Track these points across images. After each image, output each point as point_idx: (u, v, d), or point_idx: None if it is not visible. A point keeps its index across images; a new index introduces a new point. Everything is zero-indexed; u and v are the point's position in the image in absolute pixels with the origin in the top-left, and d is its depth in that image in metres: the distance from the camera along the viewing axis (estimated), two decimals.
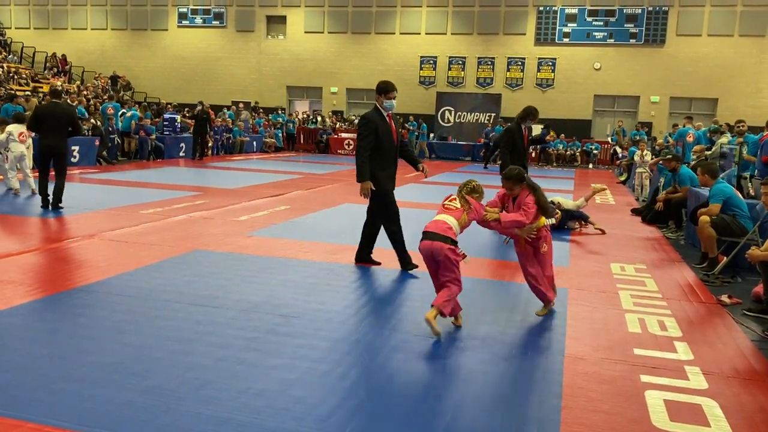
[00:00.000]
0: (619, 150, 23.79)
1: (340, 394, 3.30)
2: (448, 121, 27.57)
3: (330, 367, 3.66)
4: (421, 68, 28.51)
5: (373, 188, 5.93)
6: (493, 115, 26.83)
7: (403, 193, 12.79)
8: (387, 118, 5.98)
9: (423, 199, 12.18)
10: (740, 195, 7.14)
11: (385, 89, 5.98)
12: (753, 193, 8.12)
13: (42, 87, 23.73)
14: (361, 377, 3.54)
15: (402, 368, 3.72)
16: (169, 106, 23.87)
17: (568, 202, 9.21)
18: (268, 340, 4.04)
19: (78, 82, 27.52)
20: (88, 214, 8.58)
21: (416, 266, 5.88)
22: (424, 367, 3.77)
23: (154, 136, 18.66)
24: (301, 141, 27.17)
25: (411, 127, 25.66)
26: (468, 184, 4.56)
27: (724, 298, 5.55)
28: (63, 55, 29.53)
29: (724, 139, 12.87)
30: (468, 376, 3.68)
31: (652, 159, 13.76)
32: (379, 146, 5.91)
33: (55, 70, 28.32)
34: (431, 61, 28.39)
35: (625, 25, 26.17)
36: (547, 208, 4.79)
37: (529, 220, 4.66)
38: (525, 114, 8.56)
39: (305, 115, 28.61)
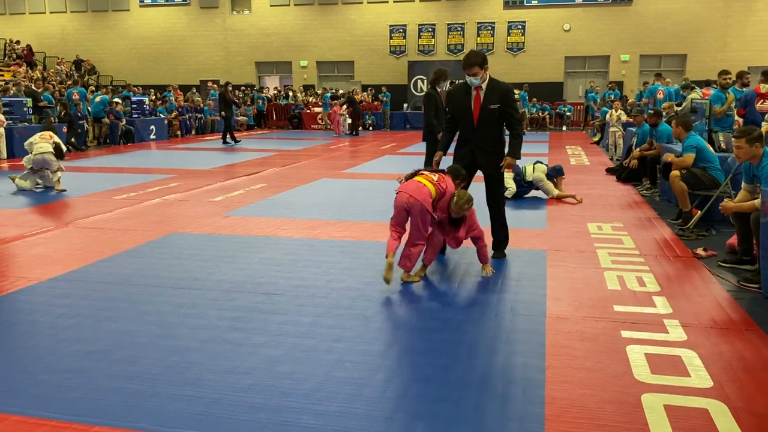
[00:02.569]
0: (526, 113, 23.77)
1: (326, 367, 3.31)
2: (421, 91, 27.35)
3: (315, 341, 3.67)
4: (390, 37, 28.25)
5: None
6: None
7: (378, 166, 12.79)
8: (474, 93, 5.30)
9: (402, 170, 12.19)
10: (711, 149, 7.23)
11: (462, 66, 5.29)
12: (724, 147, 8.21)
13: (3, 75, 23.08)
14: (345, 349, 3.56)
15: (385, 338, 3.74)
16: (137, 89, 23.38)
17: (535, 173, 8.83)
18: (251, 319, 4.04)
19: (40, 68, 26.81)
20: (60, 203, 8.43)
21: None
22: (407, 335, 3.79)
23: (124, 121, 18.31)
24: (274, 117, 26.87)
25: (385, 98, 25.53)
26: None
27: (700, 251, 5.65)
28: (28, 45, 28.56)
29: (695, 94, 12.98)
30: (452, 340, 3.71)
31: (625, 119, 13.84)
32: (459, 122, 5.46)
33: (14, 56, 27.47)
34: (401, 30, 28.13)
35: None
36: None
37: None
38: (436, 77, 8.96)
39: (276, 91, 28.26)
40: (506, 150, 5.41)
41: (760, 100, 8.99)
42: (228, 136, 18.33)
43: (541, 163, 8.92)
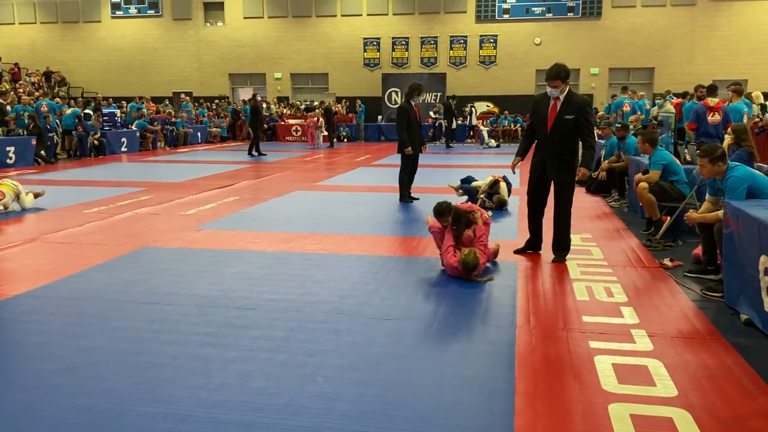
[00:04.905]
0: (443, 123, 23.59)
1: (298, 382, 3.32)
2: (395, 103, 27.48)
3: (287, 356, 3.67)
4: (364, 50, 28.39)
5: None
6: (439, 94, 26.96)
7: (352, 178, 12.82)
8: (552, 103, 5.65)
9: (374, 182, 12.24)
10: (678, 161, 7.41)
11: (546, 77, 5.68)
12: (690, 159, 8.42)
13: None
14: (318, 364, 3.56)
15: (358, 352, 3.76)
16: (104, 101, 23.12)
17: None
18: (224, 334, 4.02)
19: (8, 79, 26.33)
20: (28, 217, 8.30)
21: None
22: (380, 349, 3.81)
23: (98, 134, 18.06)
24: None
25: (359, 110, 25.64)
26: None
27: (667, 261, 5.77)
28: (16, 63, 27.93)
29: (666, 106, 13.30)
30: (422, 351, 3.74)
31: (597, 131, 14.05)
32: (537, 130, 5.86)
33: None
34: (374, 43, 28.29)
35: None
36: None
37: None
38: (411, 90, 9.27)
39: (245, 103, 28.11)
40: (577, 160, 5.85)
41: (710, 113, 9.27)
42: (254, 149, 18.35)
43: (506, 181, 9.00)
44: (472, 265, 5.15)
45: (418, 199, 9.41)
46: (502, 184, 8.82)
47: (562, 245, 5.94)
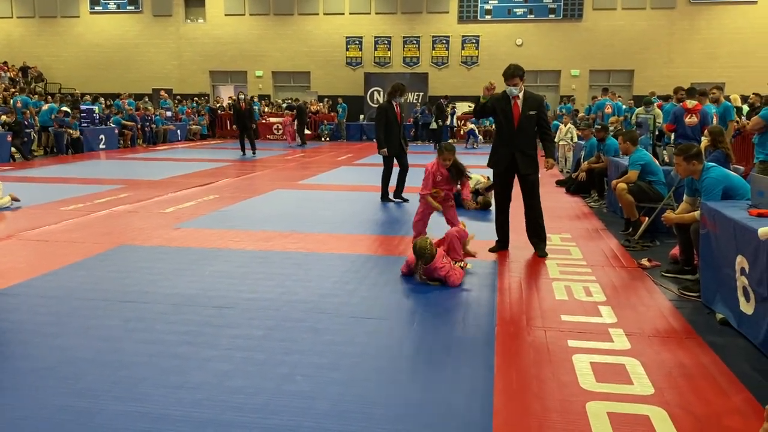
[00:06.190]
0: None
1: (276, 381, 3.30)
2: (377, 102, 27.49)
3: (266, 355, 3.64)
4: (347, 49, 28.33)
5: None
6: (421, 94, 27.01)
7: (333, 176, 12.79)
8: (513, 101, 5.94)
9: (357, 181, 12.22)
10: (656, 162, 7.50)
11: (504, 77, 5.91)
12: (668, 160, 8.51)
13: None
14: (296, 363, 3.55)
15: (338, 351, 3.74)
16: (85, 96, 22.85)
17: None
18: (202, 333, 3.99)
19: None
20: (2, 214, 8.16)
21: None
22: (358, 348, 3.80)
23: (77, 132, 17.79)
24: (228, 127, 26.57)
25: (340, 110, 25.59)
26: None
27: (645, 261, 5.83)
28: (5, 63, 27.46)
29: (641, 110, 13.44)
30: (401, 350, 3.74)
31: (577, 132, 14.18)
32: (498, 127, 6.18)
33: None
34: (357, 42, 28.25)
35: (544, 1, 26.76)
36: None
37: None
38: (393, 90, 9.26)
39: (231, 101, 27.96)
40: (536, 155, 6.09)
41: (688, 115, 9.36)
42: (250, 147, 17.70)
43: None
44: (419, 249, 5.08)
45: (407, 200, 9.27)
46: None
47: (540, 235, 6.14)
